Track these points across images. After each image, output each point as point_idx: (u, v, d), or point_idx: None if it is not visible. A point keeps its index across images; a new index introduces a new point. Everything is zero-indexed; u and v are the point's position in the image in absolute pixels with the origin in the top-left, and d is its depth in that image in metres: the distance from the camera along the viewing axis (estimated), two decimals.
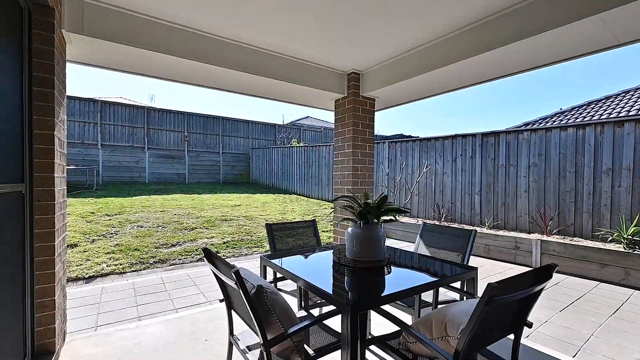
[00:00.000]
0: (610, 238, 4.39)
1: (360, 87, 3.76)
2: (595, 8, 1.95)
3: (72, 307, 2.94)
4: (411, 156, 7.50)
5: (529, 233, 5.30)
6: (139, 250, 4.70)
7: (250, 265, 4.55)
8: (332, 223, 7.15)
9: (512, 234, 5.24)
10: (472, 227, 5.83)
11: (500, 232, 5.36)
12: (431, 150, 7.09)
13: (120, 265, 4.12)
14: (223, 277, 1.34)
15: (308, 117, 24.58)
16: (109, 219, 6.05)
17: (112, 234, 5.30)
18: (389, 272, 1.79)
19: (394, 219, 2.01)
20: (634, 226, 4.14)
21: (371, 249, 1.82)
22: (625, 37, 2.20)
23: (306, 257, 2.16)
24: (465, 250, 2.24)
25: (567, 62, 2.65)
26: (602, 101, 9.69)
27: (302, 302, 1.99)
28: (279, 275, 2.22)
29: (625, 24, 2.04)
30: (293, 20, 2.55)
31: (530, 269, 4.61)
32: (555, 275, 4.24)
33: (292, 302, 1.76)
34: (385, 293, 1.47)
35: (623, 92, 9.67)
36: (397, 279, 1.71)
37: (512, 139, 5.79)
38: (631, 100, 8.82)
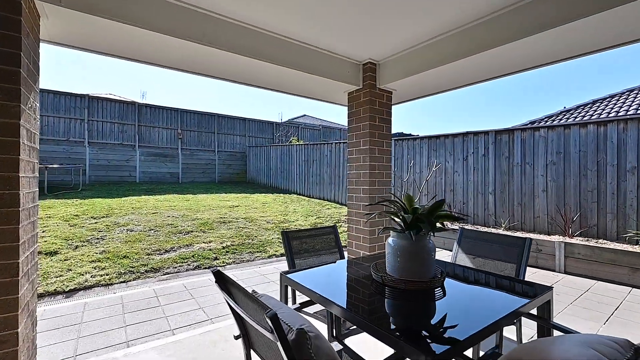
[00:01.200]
0: None
1: (377, 78, 3.40)
2: None
3: (46, 329, 2.50)
4: (419, 154, 7.18)
5: (549, 234, 5.02)
6: (128, 257, 4.25)
7: (253, 272, 4.15)
8: (344, 226, 6.77)
9: (532, 235, 4.95)
10: (488, 229, 5.53)
11: (518, 234, 5.07)
12: (440, 148, 6.78)
13: (107, 275, 3.67)
14: (247, 317, 0.96)
15: (305, 115, 24.14)
16: (95, 222, 5.56)
17: (98, 239, 4.82)
18: (445, 295, 1.43)
19: (443, 227, 1.65)
20: None
21: (421, 265, 1.46)
22: None
23: (334, 272, 1.78)
24: (520, 262, 1.90)
25: (566, 62, 2.58)
26: (607, 99, 9.55)
27: (334, 330, 1.62)
28: (304, 297, 1.83)
29: None
30: (307, 2, 2.18)
31: (554, 272, 4.38)
32: (584, 280, 3.95)
33: (317, 325, 1.38)
34: (462, 330, 1.10)
35: (627, 91, 9.55)
36: (461, 305, 1.35)
37: (527, 136, 5.51)
38: (637, 98, 8.68)
